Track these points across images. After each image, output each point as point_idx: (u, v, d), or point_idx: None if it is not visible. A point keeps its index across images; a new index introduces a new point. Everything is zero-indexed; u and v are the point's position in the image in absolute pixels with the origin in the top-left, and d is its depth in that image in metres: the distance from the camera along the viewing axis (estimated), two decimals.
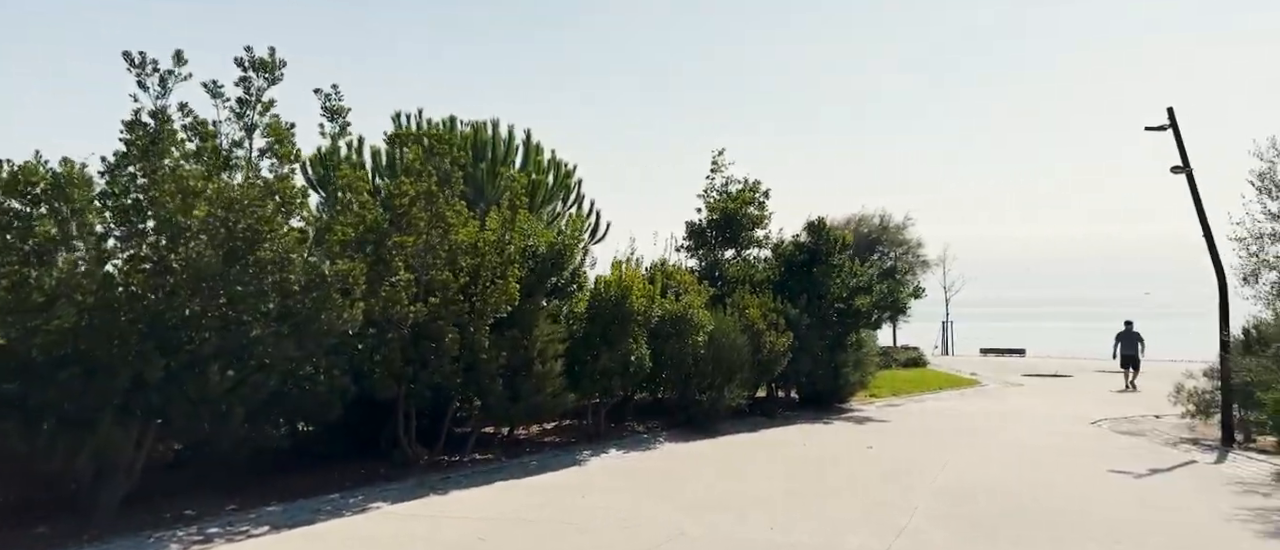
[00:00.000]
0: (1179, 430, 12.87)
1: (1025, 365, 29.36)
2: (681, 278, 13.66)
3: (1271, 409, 9.33)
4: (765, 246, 17.60)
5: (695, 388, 12.74)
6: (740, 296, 14.80)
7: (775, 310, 14.68)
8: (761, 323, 14.19)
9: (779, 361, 14.10)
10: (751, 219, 17.36)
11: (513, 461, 10.07)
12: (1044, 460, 10.19)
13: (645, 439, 11.99)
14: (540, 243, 10.63)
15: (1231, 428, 11.49)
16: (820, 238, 15.74)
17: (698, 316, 12.71)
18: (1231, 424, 11.48)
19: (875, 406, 16.70)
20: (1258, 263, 9.15)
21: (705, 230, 17.37)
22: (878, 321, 15.73)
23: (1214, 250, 11.83)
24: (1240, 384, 11.15)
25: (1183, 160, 11.98)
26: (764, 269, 16.65)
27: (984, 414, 15.09)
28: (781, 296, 15.19)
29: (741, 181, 17.69)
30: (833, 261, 15.62)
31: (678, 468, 9.82)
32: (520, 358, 9.84)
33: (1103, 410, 15.61)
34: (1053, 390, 19.98)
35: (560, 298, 11.17)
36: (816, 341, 15.19)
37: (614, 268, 11.53)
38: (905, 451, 10.87)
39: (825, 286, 15.52)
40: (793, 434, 12.69)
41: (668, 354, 12.52)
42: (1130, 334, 21.48)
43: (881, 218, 30.65)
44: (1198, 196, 11.92)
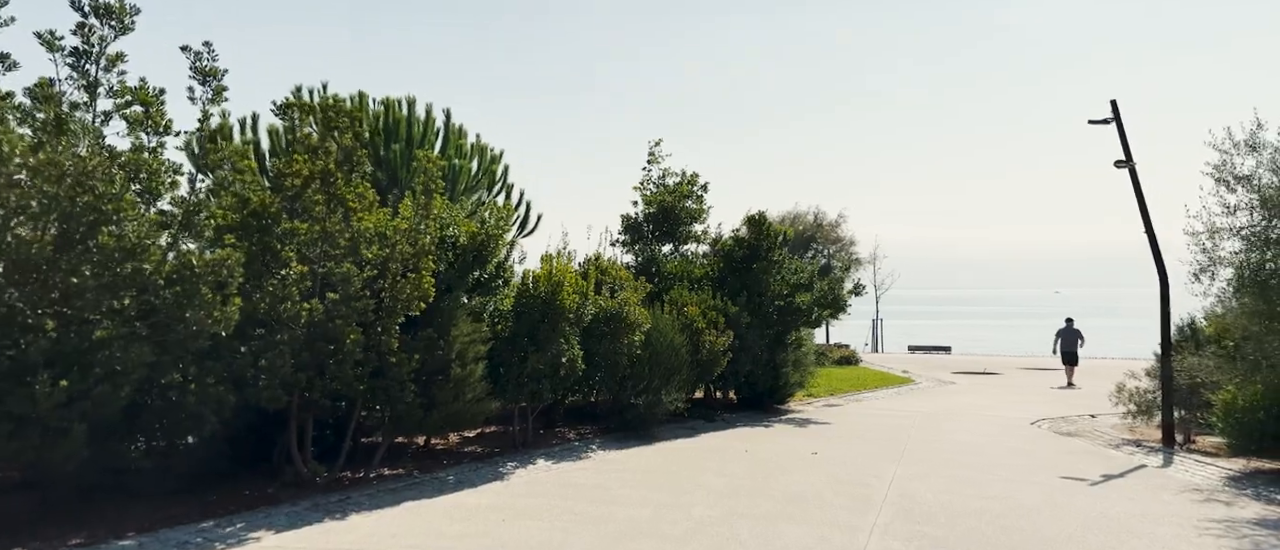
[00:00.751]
0: (1118, 431, 12.59)
1: (953, 363, 29.51)
2: (617, 273, 12.67)
3: (1222, 411, 8.94)
4: (704, 242, 16.81)
5: (631, 391, 11.78)
6: (678, 294, 13.91)
7: (715, 308, 13.85)
8: (701, 321, 13.33)
9: (719, 362, 13.27)
10: (689, 213, 16.51)
11: (426, 477, 8.89)
12: (995, 467, 9.60)
13: (577, 447, 10.96)
14: (460, 233, 9.47)
15: (1172, 429, 11.20)
16: (761, 233, 14.99)
17: (634, 314, 11.75)
18: (1172, 425, 11.19)
19: (814, 407, 16.08)
20: (1209, 259, 8.70)
21: (641, 224, 16.44)
22: (819, 319, 15.09)
23: (1156, 247, 11.53)
24: (1183, 384, 10.85)
25: (1125, 154, 11.65)
26: (703, 265, 15.83)
27: (924, 415, 14.61)
28: (721, 294, 14.38)
29: (679, 174, 16.83)
30: (773, 257, 14.89)
31: (611, 481, 8.83)
32: (436, 360, 8.68)
33: (1038, 409, 15.36)
34: (985, 388, 19.82)
35: (484, 294, 10.04)
36: (757, 340, 14.44)
37: (544, 261, 10.45)
38: (852, 459, 10.15)
39: (766, 283, 14.78)
40: (734, 440, 11.86)
41: (602, 355, 11.53)
42: (1070, 331, 21.61)
43: (816, 215, 30.36)
44: (1140, 191, 11.60)
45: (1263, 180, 7.74)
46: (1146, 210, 11.53)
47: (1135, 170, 11.55)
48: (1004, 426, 13.24)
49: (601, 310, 11.56)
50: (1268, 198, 7.63)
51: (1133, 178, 11.59)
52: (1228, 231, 8.23)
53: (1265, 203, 7.66)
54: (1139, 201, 11.58)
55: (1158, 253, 11.52)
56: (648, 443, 11.43)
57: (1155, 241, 11.50)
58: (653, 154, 16.70)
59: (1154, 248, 11.52)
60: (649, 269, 15.22)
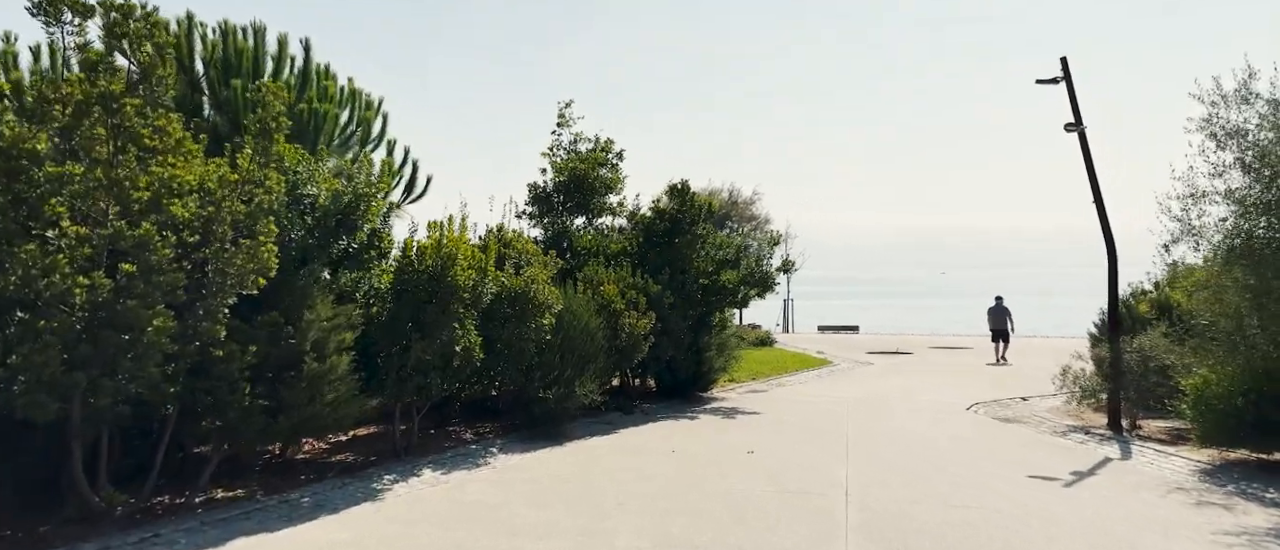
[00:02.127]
0: (1057, 415, 11.74)
1: (864, 342, 29.06)
2: (523, 247, 10.80)
3: (1193, 397, 7.97)
4: (621, 214, 15.09)
5: (539, 382, 9.97)
6: (593, 271, 12.16)
7: (635, 287, 12.18)
8: (619, 302, 11.63)
9: (640, 347, 11.63)
10: (604, 182, 14.74)
11: (273, 500, 6.84)
12: (951, 465, 8.37)
13: (474, 452, 9.09)
14: (321, 192, 7.39)
15: (1119, 413, 10.36)
16: (684, 204, 13.40)
17: (543, 294, 9.92)
18: (1119, 409, 10.34)
19: (739, 394, 14.71)
20: (1184, 228, 7.67)
21: (551, 194, 14.57)
22: (746, 299, 13.69)
23: (1104, 217, 10.62)
24: (1134, 366, 9.97)
25: (1075, 116, 10.66)
26: (620, 240, 14.12)
27: (855, 401, 13.45)
28: (641, 271, 12.73)
29: (592, 140, 15.03)
30: (698, 231, 13.34)
31: (513, 498, 7.03)
32: (284, 352, 6.63)
33: (967, 392, 14.50)
34: (904, 369, 19.05)
35: (354, 269, 7.99)
36: (680, 323, 12.88)
37: (432, 229, 8.47)
38: (794, 459, 8.72)
39: (689, 259, 13.22)
40: (657, 436, 10.25)
41: (504, 341, 9.67)
42: (1000, 309, 21.38)
43: (731, 192, 29.18)
44: (1089, 157, 10.65)
45: (1261, 136, 6.67)
46: (1095, 177, 10.60)
47: (1084, 134, 10.59)
48: (940, 412, 12.20)
49: (504, 289, 9.69)
50: (1267, 152, 6.56)
51: (1082, 142, 10.63)
52: (1216, 195, 7.17)
53: (1264, 159, 6.59)
54: (1088, 168, 10.63)
55: (1106, 223, 10.62)
56: (558, 443, 9.67)
57: (1103, 211, 10.59)
58: (563, 116, 14.82)
59: (1102, 217, 10.61)
60: (560, 244, 13.40)
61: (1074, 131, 10.57)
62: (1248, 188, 6.86)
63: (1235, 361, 7.50)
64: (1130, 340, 10.23)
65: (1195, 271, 12.81)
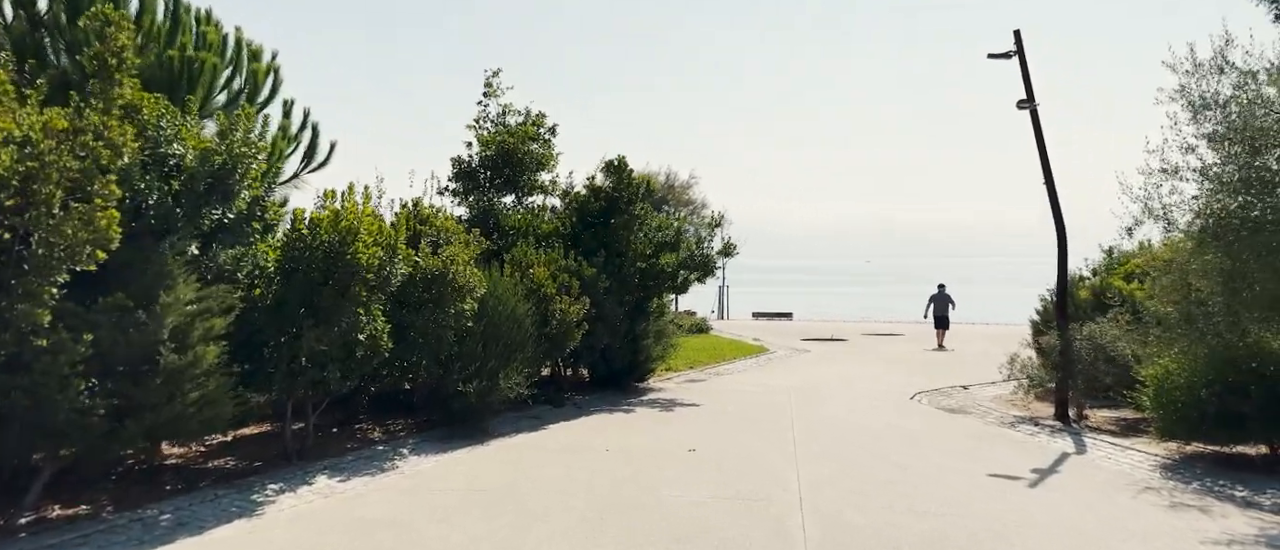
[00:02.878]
0: (1000, 405, 11.35)
1: (799, 328, 28.80)
2: (443, 224, 9.66)
3: (1154, 388, 7.52)
4: (553, 193, 14.03)
5: (459, 374, 8.89)
6: (522, 252, 11.11)
7: (567, 270, 11.19)
8: (550, 286, 10.62)
9: (572, 334, 10.65)
10: (535, 158, 13.65)
11: (126, 516, 5.63)
12: (905, 462, 7.73)
13: (381, 453, 7.97)
14: (187, 151, 6.12)
15: (1067, 404, 9.98)
16: (621, 182, 12.45)
17: (465, 276, 8.85)
18: (1067, 400, 9.96)
19: (676, 384, 13.91)
20: (1147, 210, 7.18)
21: (477, 170, 13.40)
22: (685, 283, 12.86)
23: (1054, 196, 10.19)
24: (1085, 355, 9.56)
25: (1027, 93, 10.17)
26: (552, 220, 13.08)
27: (796, 391, 12.82)
28: (574, 253, 11.73)
29: (522, 112, 13.89)
30: (636, 211, 12.41)
31: (417, 513, 6.00)
32: (135, 342, 5.40)
33: (906, 380, 14.08)
34: (840, 357, 18.65)
35: (231, 243, 6.74)
36: (616, 309, 11.96)
37: (327, 198, 7.28)
38: (739, 456, 7.93)
39: (626, 241, 12.29)
40: (591, 432, 9.32)
41: (419, 329, 8.56)
42: (942, 296, 21.43)
43: (668, 175, 28.38)
44: (1041, 136, 10.19)
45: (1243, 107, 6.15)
46: (1046, 157, 10.15)
47: (1037, 112, 10.11)
48: (884, 402, 11.66)
49: (419, 270, 8.57)
50: (1246, 126, 6.04)
51: (1034, 121, 10.16)
52: (1189, 171, 6.66)
53: (1245, 130, 6.07)
54: (1039, 146, 10.17)
55: (1057, 205, 10.20)
56: (479, 441, 8.64)
57: (1053, 192, 10.16)
58: (490, 85, 13.63)
59: (1052, 199, 10.18)
60: (486, 223, 12.27)
61: (1026, 109, 10.08)
62: (1223, 163, 6.36)
63: (1201, 351, 7.05)
64: (1079, 328, 9.84)
65: (1141, 256, 12.71)
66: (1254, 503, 6.20)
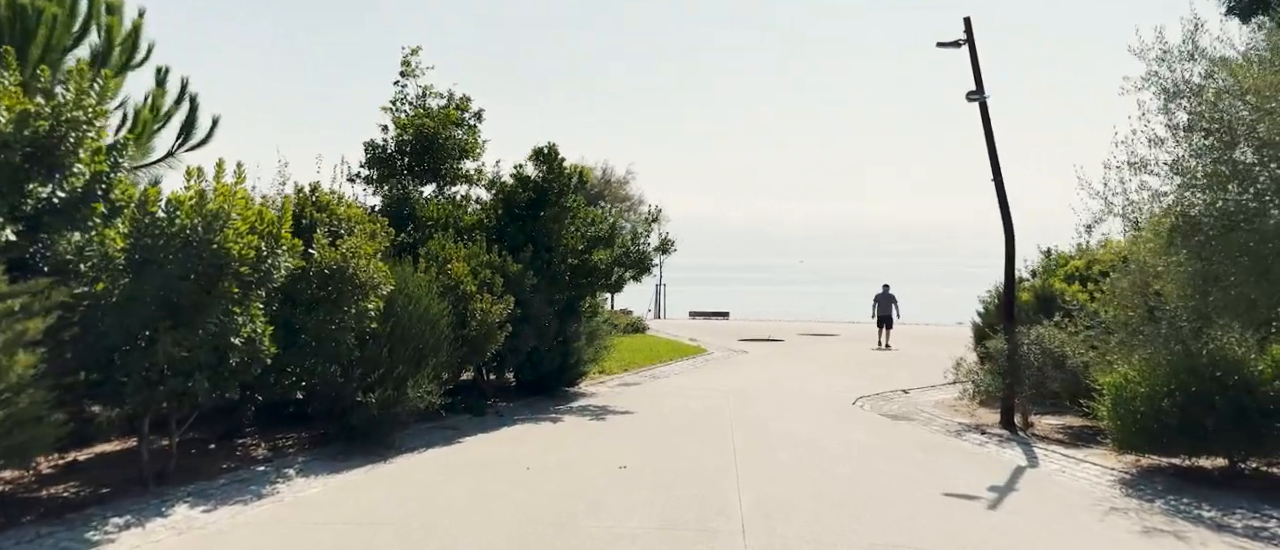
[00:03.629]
0: (942, 410, 10.86)
1: (735, 328, 28.32)
2: (346, 211, 8.52)
3: (1111, 399, 7.04)
4: (479, 183, 12.97)
5: (359, 383, 7.78)
6: (439, 246, 10.02)
7: (490, 266, 10.17)
8: (470, 283, 9.59)
9: (494, 337, 9.64)
10: (458, 145, 12.57)
11: None
12: (854, 478, 7.05)
13: (262, 475, 6.82)
14: None
15: (1013, 412, 9.52)
16: (552, 171, 11.48)
17: (368, 272, 7.76)
18: (1014, 407, 9.50)
19: (610, 388, 13.04)
20: (1107, 207, 6.68)
21: (393, 155, 12.22)
22: (619, 281, 11.99)
23: (1003, 195, 9.73)
24: (1034, 360, 9.11)
25: (977, 84, 9.67)
26: (476, 213, 12.02)
27: (734, 395, 12.11)
28: (499, 247, 10.71)
29: (445, 95, 12.77)
30: (567, 203, 11.46)
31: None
32: None
33: (846, 383, 13.56)
34: (779, 358, 18.12)
35: (66, 227, 5.50)
36: (544, 308, 10.99)
37: (190, 176, 6.09)
38: (675, 474, 7.09)
39: (557, 235, 11.34)
40: (511, 447, 8.34)
41: (314, 331, 7.44)
42: (886, 296, 21.46)
43: (604, 170, 27.48)
44: (990, 129, 9.71)
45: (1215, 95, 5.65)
46: (995, 151, 9.68)
47: (986, 104, 9.62)
48: (826, 409, 11.04)
49: (314, 264, 7.46)
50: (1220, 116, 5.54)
51: (983, 113, 9.67)
52: (1158, 166, 6.15)
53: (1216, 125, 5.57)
54: (988, 140, 9.68)
55: (1004, 202, 9.74)
56: (382, 458, 7.57)
57: (1002, 188, 9.70)
58: (407, 64, 12.47)
59: (1001, 196, 9.72)
60: (399, 213, 11.12)
61: (975, 100, 9.58)
62: (1195, 156, 5.87)
63: (1163, 358, 6.57)
64: (1026, 332, 9.39)
65: (1083, 257, 12.50)
66: (1226, 525, 5.72)
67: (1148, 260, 6.51)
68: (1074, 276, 11.97)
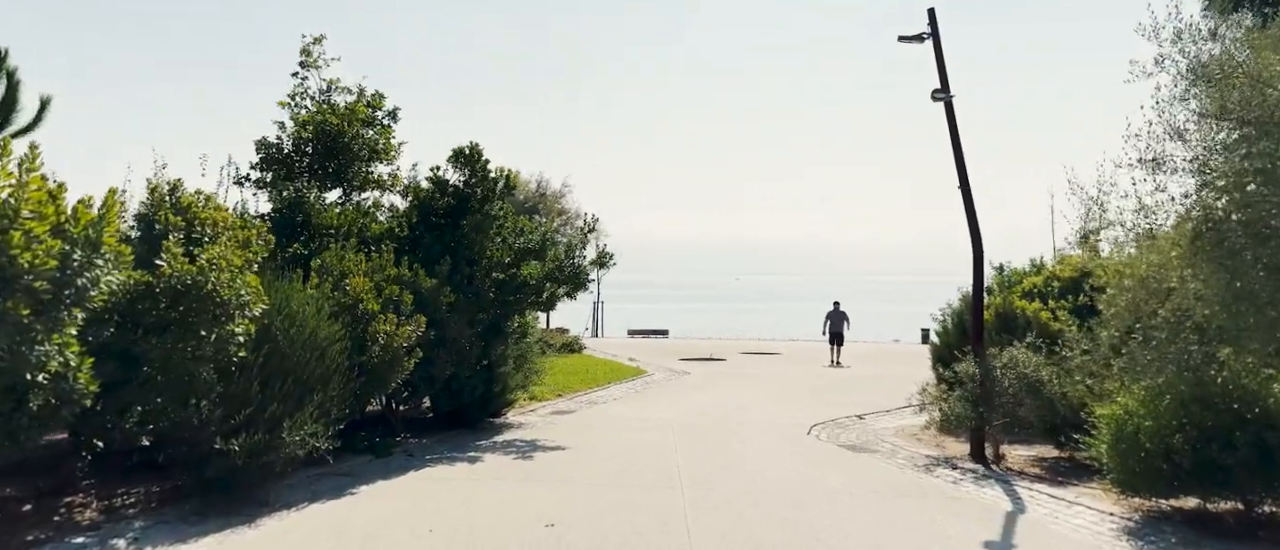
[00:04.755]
0: (908, 441, 9.88)
1: (675, 347, 27.23)
2: (208, 215, 6.95)
3: (1111, 434, 6.10)
4: (393, 189, 11.46)
5: (218, 426, 6.21)
6: (336, 258, 8.49)
7: (398, 281, 8.70)
8: (372, 301, 8.10)
9: (401, 364, 8.16)
10: (369, 146, 11.06)
11: None
12: (828, 534, 5.88)
13: (81, 547, 5.20)
14: None
15: (983, 443, 8.59)
16: (475, 174, 10.09)
17: (235, 287, 6.23)
18: (984, 438, 8.57)
19: (541, 417, 11.64)
20: (1102, 212, 5.78)
21: (291, 156, 10.62)
22: (552, 299, 10.63)
23: (970, 204, 8.87)
24: (1010, 386, 8.19)
25: (942, 82, 8.80)
26: (385, 221, 10.51)
27: (681, 426, 10.88)
28: (412, 260, 9.24)
29: (354, 90, 11.26)
30: (492, 210, 10.07)
31: None
32: None
33: (798, 410, 12.51)
34: (724, 380, 17.02)
35: None
36: (464, 329, 9.55)
37: None
38: (611, 528, 5.79)
39: (480, 246, 9.93)
40: (414, 496, 6.89)
41: (159, 361, 5.88)
42: (837, 312, 21.49)
43: (539, 183, 26.10)
44: (955, 131, 8.85)
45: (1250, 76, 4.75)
46: (961, 155, 8.81)
47: (951, 104, 8.75)
48: (782, 440, 9.93)
49: (162, 278, 5.91)
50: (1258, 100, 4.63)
51: (948, 114, 8.81)
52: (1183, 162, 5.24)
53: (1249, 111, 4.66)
54: (954, 144, 8.82)
55: (972, 211, 8.89)
56: (248, 519, 6.02)
57: (969, 196, 8.84)
58: (308, 55, 10.91)
59: (967, 204, 8.86)
60: (292, 220, 9.54)
61: (941, 100, 8.70)
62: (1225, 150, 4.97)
63: (1173, 387, 5.65)
64: (997, 354, 8.48)
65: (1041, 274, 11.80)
66: None
67: (1155, 274, 5.60)
68: (1033, 294, 11.22)
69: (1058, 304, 10.65)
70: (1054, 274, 11.33)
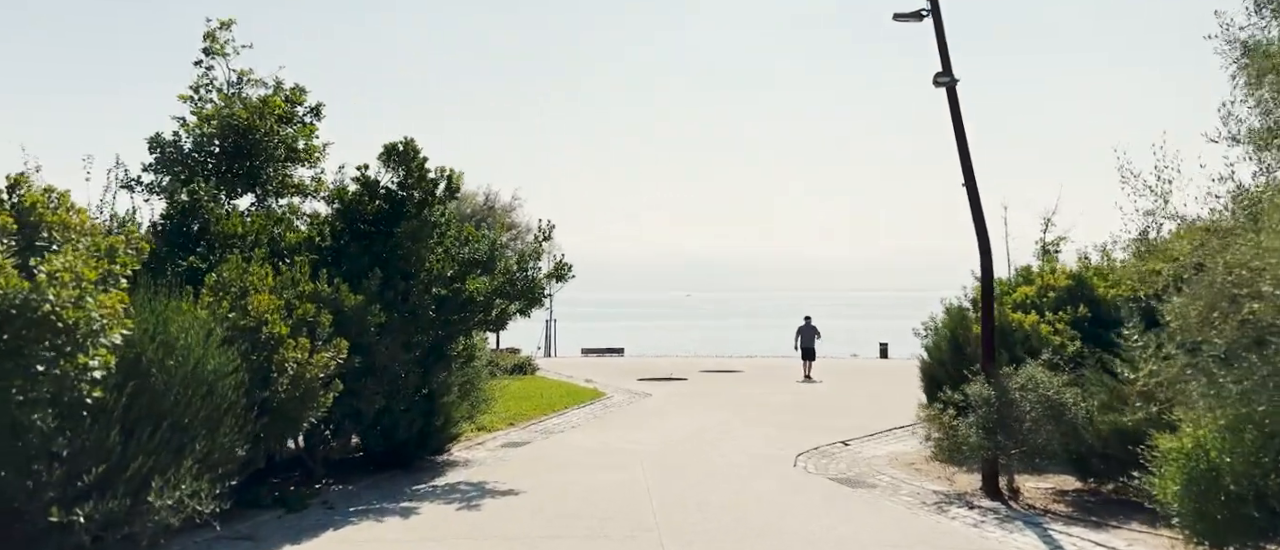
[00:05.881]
0: (906, 471, 8.82)
1: (632, 366, 25.95)
2: (61, 218, 5.42)
3: (1183, 473, 5.06)
4: (316, 194, 10.00)
5: (60, 489, 4.68)
6: (236, 272, 6.97)
7: (316, 298, 7.23)
8: (279, 323, 6.62)
9: (314, 398, 6.69)
10: (288, 146, 9.61)
11: None
12: None
13: None
14: None
15: (997, 475, 7.56)
16: (410, 174, 8.69)
17: (85, 309, 4.74)
18: (997, 470, 7.54)
19: (490, 450, 10.24)
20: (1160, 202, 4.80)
21: (192, 155, 9.08)
22: (503, 316, 9.23)
23: (975, 200, 7.91)
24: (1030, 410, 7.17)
25: (944, 64, 7.82)
26: (308, 228, 9.03)
27: (649, 458, 9.61)
28: (334, 273, 7.78)
29: (269, 84, 9.79)
30: (431, 215, 8.68)
31: None
32: None
33: (777, 435, 11.36)
34: (689, 401, 15.81)
35: None
36: (398, 354, 8.12)
37: None
38: None
39: (418, 257, 8.51)
40: None
41: None
42: (809, 328, 21.05)
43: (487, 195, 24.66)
44: (959, 119, 7.87)
45: None
46: (965, 146, 7.85)
47: (954, 89, 7.79)
48: (764, 471, 8.76)
49: None
50: None
51: (951, 101, 7.83)
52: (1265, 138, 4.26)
53: None
54: (958, 135, 7.85)
55: (977, 207, 7.93)
56: None
57: (974, 190, 7.87)
58: (213, 40, 9.42)
59: (972, 198, 7.90)
60: (185, 228, 7.99)
61: (943, 84, 7.72)
62: None
63: (1268, 412, 4.65)
64: (1012, 374, 7.46)
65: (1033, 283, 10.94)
66: None
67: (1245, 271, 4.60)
68: (1027, 305, 10.33)
69: (1056, 317, 9.80)
70: (1048, 283, 10.49)
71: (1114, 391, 6.92)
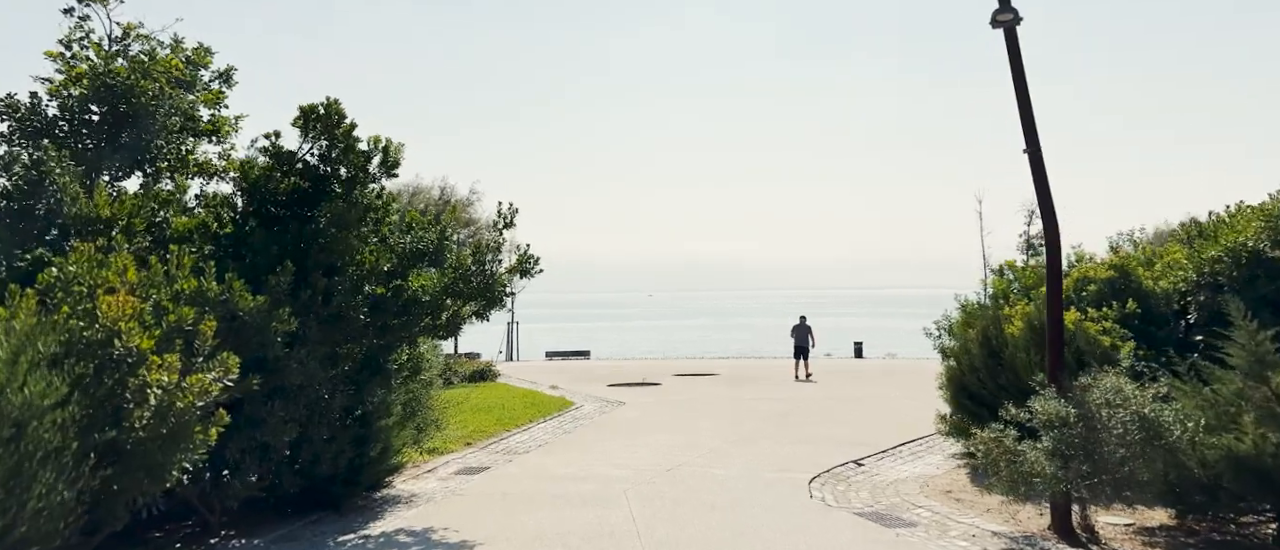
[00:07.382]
0: (947, 502, 7.34)
1: (600, 370, 24.24)
2: None
3: None
4: (225, 175, 8.14)
5: None
6: (84, 266, 5.12)
7: (199, 300, 5.42)
8: (139, 335, 4.80)
9: (187, 435, 4.88)
10: (186, 114, 7.73)
11: None
12: None
13: None
14: None
15: (1069, 511, 6.10)
16: (335, 144, 6.89)
17: None
18: (1070, 505, 6.08)
19: (442, 481, 8.49)
20: None
21: (57, 121, 7.15)
22: (455, 319, 7.45)
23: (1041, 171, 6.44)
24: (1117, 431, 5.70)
25: None
26: (203, 212, 7.17)
27: (631, 485, 7.98)
28: (229, 267, 5.96)
29: (168, 43, 7.92)
30: (362, 196, 6.89)
31: None
32: None
33: (774, 451, 9.85)
34: (668, 409, 14.22)
35: None
36: (316, 370, 6.33)
37: None
38: None
39: (346, 248, 6.72)
40: None
41: None
42: (802, 327, 20.88)
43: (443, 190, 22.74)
44: (1020, 67, 6.38)
45: None
46: (1028, 106, 6.38)
47: (1015, 32, 6.30)
48: (774, 505, 7.20)
49: None
50: None
51: (1011, 45, 6.34)
52: None
53: None
54: (1017, 81, 6.37)
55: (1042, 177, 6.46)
56: None
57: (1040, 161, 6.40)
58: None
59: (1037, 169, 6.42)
60: (28, 209, 6.10)
61: (1002, 24, 6.22)
62: None
63: None
64: (1092, 384, 5.98)
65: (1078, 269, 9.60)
66: None
67: None
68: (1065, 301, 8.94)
69: (1100, 313, 8.45)
70: (1086, 274, 9.15)
71: (1219, 409, 5.52)
